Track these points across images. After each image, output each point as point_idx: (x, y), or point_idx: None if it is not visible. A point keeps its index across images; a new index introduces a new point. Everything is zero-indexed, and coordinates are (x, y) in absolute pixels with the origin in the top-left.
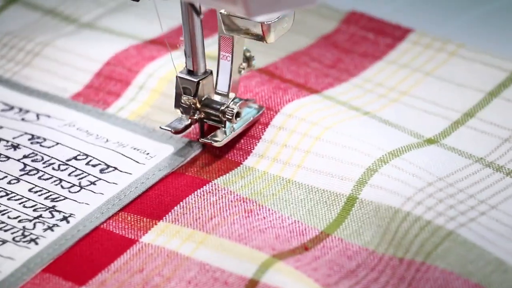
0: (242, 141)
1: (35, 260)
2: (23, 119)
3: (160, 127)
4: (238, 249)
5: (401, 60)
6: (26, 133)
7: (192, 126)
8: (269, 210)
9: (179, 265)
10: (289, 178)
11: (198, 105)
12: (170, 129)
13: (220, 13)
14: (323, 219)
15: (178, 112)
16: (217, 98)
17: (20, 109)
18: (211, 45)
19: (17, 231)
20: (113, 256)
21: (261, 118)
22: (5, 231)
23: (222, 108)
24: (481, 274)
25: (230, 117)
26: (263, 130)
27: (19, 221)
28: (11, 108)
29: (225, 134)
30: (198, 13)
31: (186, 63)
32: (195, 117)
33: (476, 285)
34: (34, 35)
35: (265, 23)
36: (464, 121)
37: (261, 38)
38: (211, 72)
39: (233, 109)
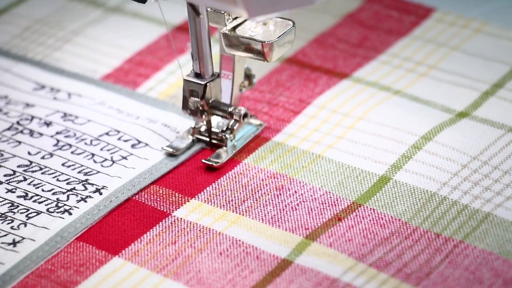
0: (271, 121)
1: (68, 229)
2: (55, 98)
3: (162, 148)
4: (271, 231)
5: (426, 36)
6: (58, 111)
7: (195, 144)
8: (300, 182)
9: (211, 239)
10: (319, 154)
11: (206, 108)
12: (171, 150)
13: (221, 32)
14: (354, 191)
15: (186, 113)
16: (217, 117)
17: (52, 88)
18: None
19: (51, 202)
20: (146, 227)
21: (293, 108)
22: (39, 203)
23: (230, 110)
24: None
25: (238, 118)
26: (294, 117)
27: (53, 194)
28: (43, 87)
29: (227, 153)
30: (198, 13)
31: (193, 66)
32: (202, 119)
33: None
34: (63, 21)
35: (266, 42)
36: (493, 91)
37: (262, 56)
38: (218, 75)
39: (241, 110)
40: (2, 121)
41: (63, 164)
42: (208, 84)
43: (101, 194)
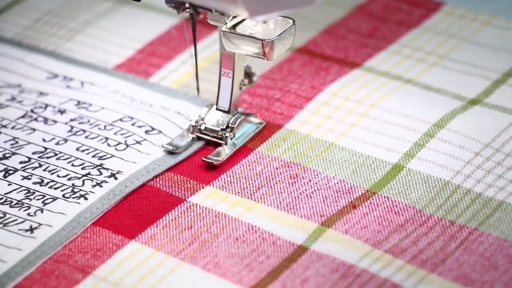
0: (283, 108)
1: (84, 214)
2: (68, 87)
3: (162, 146)
4: (287, 218)
5: (436, 28)
6: (71, 99)
7: (194, 143)
8: (314, 171)
9: (227, 224)
10: (332, 142)
11: None
12: (171, 148)
13: (221, 30)
14: (368, 179)
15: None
16: (217, 115)
17: (65, 77)
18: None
19: (67, 188)
20: (161, 212)
21: (305, 94)
22: (55, 188)
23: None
24: None
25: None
26: (306, 103)
27: (68, 179)
28: (56, 76)
29: (226, 151)
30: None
31: None
32: (187, 11)
33: None
34: (74, 13)
35: (266, 40)
36: (504, 80)
37: (262, 55)
38: None
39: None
40: (16, 109)
41: (77, 149)
42: None
43: (116, 179)
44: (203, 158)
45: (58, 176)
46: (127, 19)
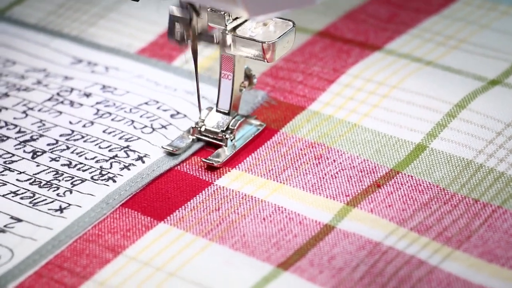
0: (306, 90)
1: (113, 196)
2: (93, 71)
3: (162, 147)
4: (313, 199)
5: (455, 16)
6: (97, 83)
7: (194, 144)
8: (338, 151)
9: (254, 205)
10: (355, 123)
11: (191, 37)
12: (171, 149)
13: (222, 33)
14: (392, 159)
15: (173, 42)
16: (218, 117)
17: (89, 62)
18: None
19: (95, 170)
20: (189, 195)
21: (327, 77)
22: (84, 171)
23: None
24: None
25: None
26: (328, 85)
27: (96, 162)
28: (80, 61)
29: (226, 152)
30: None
31: None
32: (188, 42)
33: None
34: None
35: (266, 42)
36: None
37: (262, 57)
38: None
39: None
40: (43, 92)
41: (104, 131)
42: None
43: (143, 162)
44: (203, 159)
45: (86, 158)
46: (148, 3)
